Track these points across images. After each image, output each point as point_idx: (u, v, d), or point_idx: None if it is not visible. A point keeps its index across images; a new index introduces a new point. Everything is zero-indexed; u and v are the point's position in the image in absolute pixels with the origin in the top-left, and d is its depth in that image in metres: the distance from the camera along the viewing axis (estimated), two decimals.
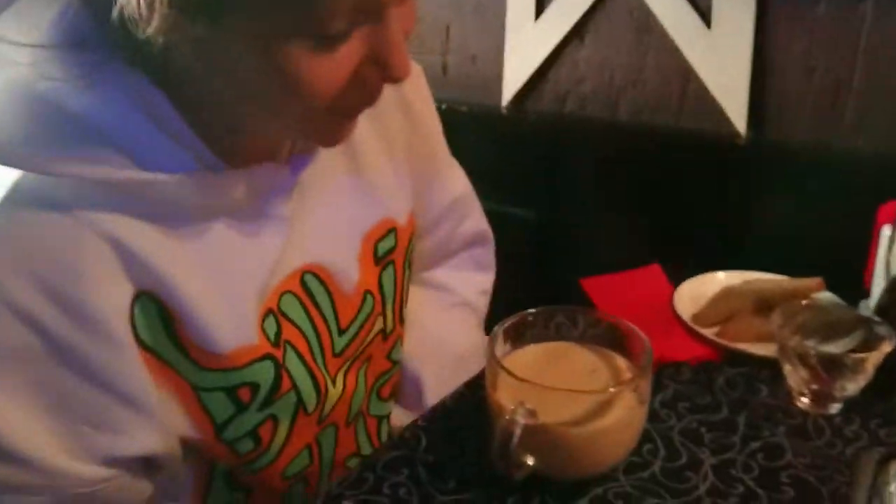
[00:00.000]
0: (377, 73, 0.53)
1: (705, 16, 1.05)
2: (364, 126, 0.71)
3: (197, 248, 0.56)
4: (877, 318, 0.74)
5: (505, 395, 0.62)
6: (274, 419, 0.63)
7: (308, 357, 0.66)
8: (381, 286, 0.73)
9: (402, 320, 0.78)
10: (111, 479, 0.56)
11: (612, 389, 0.62)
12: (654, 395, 0.72)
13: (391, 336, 0.77)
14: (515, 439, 0.57)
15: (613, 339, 0.70)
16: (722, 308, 0.89)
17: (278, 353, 0.62)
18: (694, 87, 1.08)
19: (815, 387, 0.72)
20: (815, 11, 0.99)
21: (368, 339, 0.73)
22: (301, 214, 0.64)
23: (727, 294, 0.91)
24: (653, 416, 0.71)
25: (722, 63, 1.04)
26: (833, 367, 0.71)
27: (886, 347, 0.70)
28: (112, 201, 0.52)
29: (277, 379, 0.62)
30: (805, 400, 0.74)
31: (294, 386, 0.64)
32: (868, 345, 0.72)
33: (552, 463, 0.61)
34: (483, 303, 0.92)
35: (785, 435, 0.70)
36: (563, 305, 0.71)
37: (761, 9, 1.00)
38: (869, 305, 0.80)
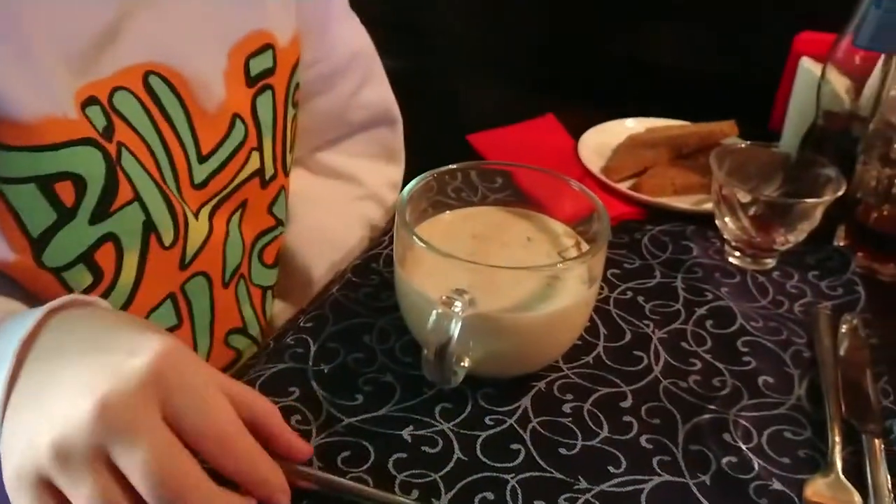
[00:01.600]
0: None
1: None
2: None
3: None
4: (822, 159, 0.66)
5: (428, 281, 0.47)
6: (116, 242, 0.49)
7: (156, 174, 0.51)
8: (254, 113, 0.58)
9: (285, 168, 0.64)
10: None
11: (561, 265, 0.49)
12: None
13: (272, 184, 0.62)
14: (454, 337, 0.43)
15: (542, 200, 0.56)
16: (633, 158, 0.78)
17: (109, 147, 0.47)
18: None
19: (756, 239, 0.64)
20: None
21: (241, 177, 0.59)
22: (150, 5, 0.49)
23: (637, 144, 0.80)
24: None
25: None
26: (776, 215, 0.63)
27: (837, 190, 0.62)
28: None
29: (111, 178, 0.47)
30: (739, 255, 0.66)
31: (138, 198, 0.49)
32: (803, 189, 0.65)
33: (493, 360, 0.48)
34: (392, 198, 0.77)
35: (728, 296, 0.62)
36: (468, 162, 0.56)
37: None
38: (809, 157, 0.72)
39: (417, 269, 0.48)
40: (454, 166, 0.55)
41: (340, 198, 0.75)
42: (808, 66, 0.76)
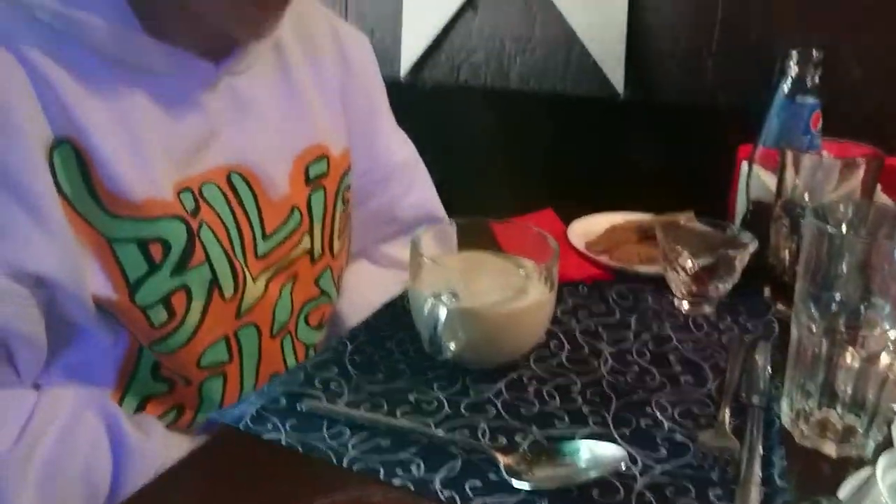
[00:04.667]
0: None
1: None
2: (299, 58, 0.78)
3: (117, 107, 0.61)
4: (740, 229, 0.85)
5: (428, 286, 0.67)
6: (188, 291, 0.66)
7: (227, 244, 0.69)
8: (309, 206, 0.78)
9: (332, 251, 0.82)
10: (15, 297, 0.57)
11: (523, 272, 0.69)
12: (556, 306, 0.80)
13: (319, 262, 0.81)
14: (442, 319, 0.62)
15: (520, 247, 0.77)
16: (609, 239, 0.98)
17: (192, 223, 0.65)
18: (577, 53, 1.19)
19: (694, 289, 0.83)
20: None
21: (294, 254, 0.77)
22: (232, 116, 0.69)
23: (613, 228, 1.01)
24: (556, 321, 0.79)
25: (601, 32, 1.16)
26: (709, 269, 0.82)
27: (751, 248, 0.81)
28: (44, 42, 0.58)
29: (190, 244, 0.65)
30: (685, 303, 0.84)
31: (208, 260, 0.66)
32: (737, 250, 0.84)
33: (473, 346, 0.67)
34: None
35: (670, 329, 0.80)
36: (474, 217, 0.77)
37: None
38: (729, 226, 0.91)
39: (422, 280, 0.68)
40: (461, 220, 0.76)
41: (391, 280, 0.91)
42: (744, 167, 0.97)
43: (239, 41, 0.69)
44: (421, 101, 1.31)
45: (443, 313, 0.62)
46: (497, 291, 0.67)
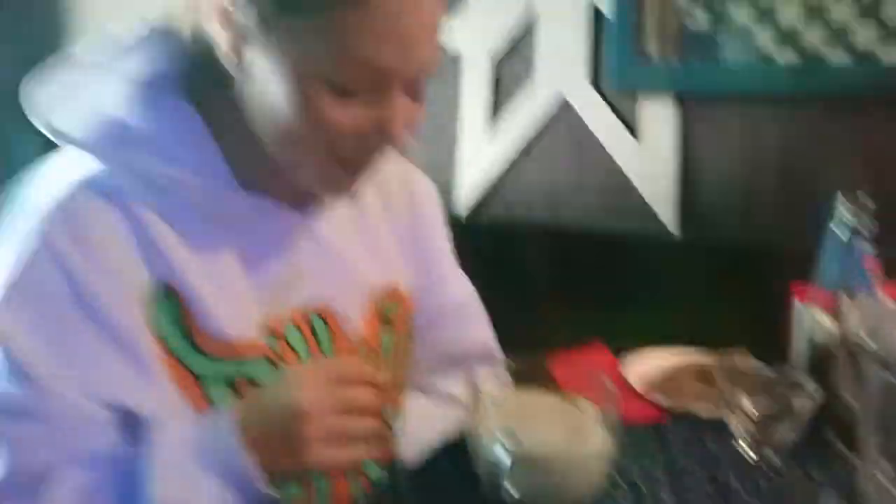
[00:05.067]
0: (375, 135, 0.66)
1: (633, 131, 1.21)
2: (376, 206, 0.85)
3: (211, 255, 0.67)
4: (803, 376, 0.84)
5: (489, 430, 0.67)
6: None
7: None
8: (381, 343, 0.81)
9: (397, 387, 0.84)
10: (103, 423, 0.62)
11: (586, 419, 0.69)
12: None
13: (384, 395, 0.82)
14: (505, 464, 0.62)
15: (577, 387, 0.77)
16: (665, 376, 0.98)
17: (277, 362, 0.70)
18: (627, 193, 1.23)
19: (757, 435, 0.81)
20: (727, 128, 1.17)
21: None
22: (313, 260, 0.74)
23: (668, 366, 1.00)
24: (615, 467, 0.78)
25: (651, 172, 1.20)
26: (774, 418, 0.80)
27: (816, 396, 0.80)
28: (150, 198, 0.65)
29: (274, 380, 0.68)
30: (749, 450, 0.82)
31: None
32: (803, 398, 0.82)
33: (535, 490, 0.66)
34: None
35: (735, 478, 0.78)
36: (530, 356, 0.78)
37: (682, 125, 1.18)
38: (790, 369, 0.90)
39: (483, 423, 0.69)
40: (519, 359, 0.77)
41: (445, 415, 0.89)
42: (800, 308, 0.97)
43: (324, 199, 0.75)
44: (477, 240, 1.35)
45: (505, 459, 0.62)
46: (559, 435, 0.67)
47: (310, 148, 0.66)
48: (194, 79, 0.69)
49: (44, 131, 0.66)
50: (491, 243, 1.34)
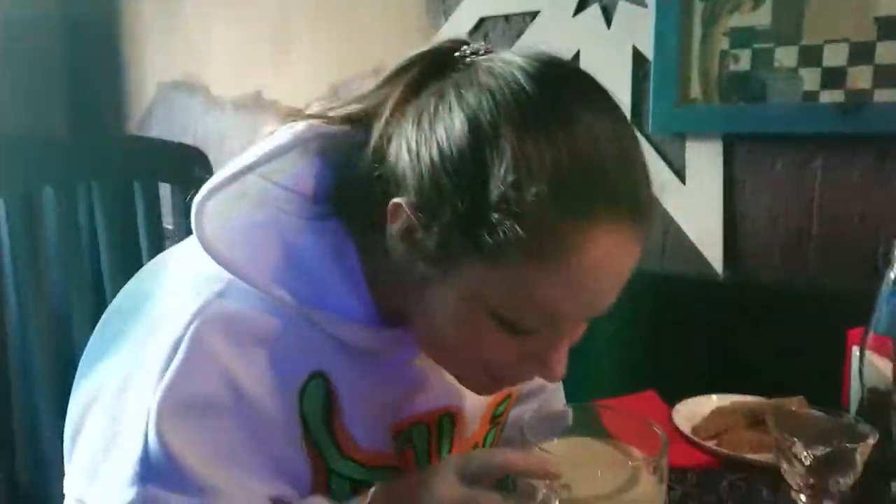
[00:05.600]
0: (535, 366, 0.65)
1: (679, 174, 1.21)
2: None
3: (358, 367, 0.68)
4: (857, 418, 0.82)
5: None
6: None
7: None
8: (485, 440, 0.84)
9: None
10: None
11: (632, 464, 0.69)
12: (667, 488, 0.78)
13: None
14: None
15: (627, 434, 0.77)
16: (717, 423, 0.96)
17: (400, 467, 0.72)
18: (674, 236, 1.23)
19: (811, 482, 0.79)
20: (774, 170, 1.16)
21: None
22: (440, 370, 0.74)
23: (720, 412, 0.99)
24: None
25: (697, 215, 1.20)
26: (827, 462, 0.79)
27: (871, 441, 0.78)
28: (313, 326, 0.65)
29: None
30: (803, 497, 0.80)
31: None
32: (854, 443, 0.80)
33: None
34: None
35: None
36: (581, 403, 0.78)
37: (728, 168, 1.17)
38: (846, 415, 0.88)
39: None
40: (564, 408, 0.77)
41: None
42: (856, 353, 0.95)
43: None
44: None
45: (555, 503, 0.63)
46: (608, 482, 0.67)
47: (462, 359, 0.67)
48: (353, 195, 0.65)
49: (209, 255, 0.63)
50: None
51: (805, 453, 0.79)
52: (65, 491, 0.67)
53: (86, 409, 0.67)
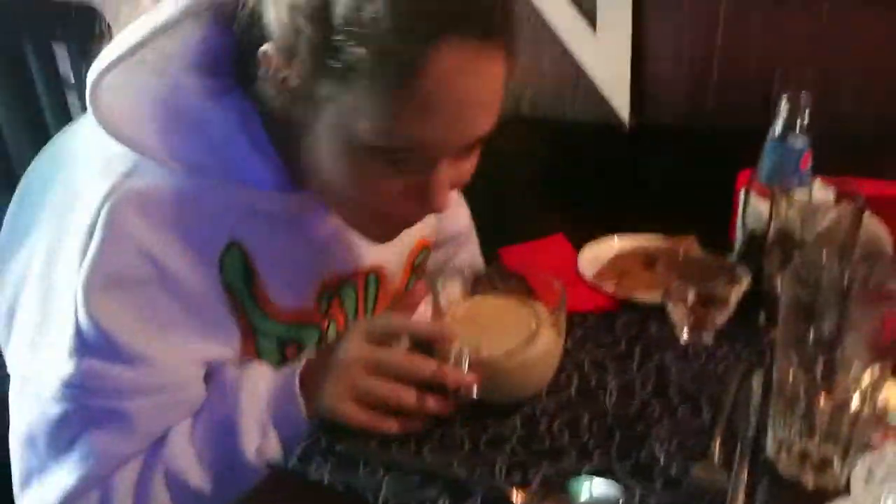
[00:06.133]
0: (419, 200, 0.68)
1: (591, 21, 1.22)
2: None
3: (277, 222, 0.72)
4: (737, 263, 0.92)
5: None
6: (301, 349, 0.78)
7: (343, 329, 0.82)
8: (405, 289, 0.90)
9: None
10: (199, 380, 0.71)
11: (532, 326, 0.77)
12: (566, 337, 0.87)
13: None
14: (463, 367, 0.71)
15: (531, 291, 0.85)
16: (617, 266, 1.05)
17: (324, 324, 0.79)
18: (584, 83, 1.25)
19: (692, 320, 0.90)
20: (680, 14, 1.18)
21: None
22: None
23: (620, 255, 1.08)
24: (566, 353, 0.86)
25: (607, 62, 1.22)
26: (705, 303, 0.89)
27: (744, 284, 0.88)
28: (230, 192, 0.69)
29: (318, 344, 0.78)
30: (685, 333, 0.91)
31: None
32: (732, 284, 0.90)
33: (491, 391, 0.75)
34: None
35: (671, 360, 0.87)
36: (488, 267, 0.85)
37: (637, 14, 1.19)
38: (727, 256, 0.99)
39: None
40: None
41: None
42: (743, 196, 1.03)
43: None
44: None
45: (464, 363, 0.71)
46: (511, 339, 0.75)
47: (355, 205, 0.70)
48: (250, 67, 0.66)
49: (111, 137, 0.65)
50: None
51: (687, 294, 0.89)
52: (9, 371, 0.71)
53: (17, 290, 0.71)
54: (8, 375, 0.72)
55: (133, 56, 0.64)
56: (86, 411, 0.66)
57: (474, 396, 0.73)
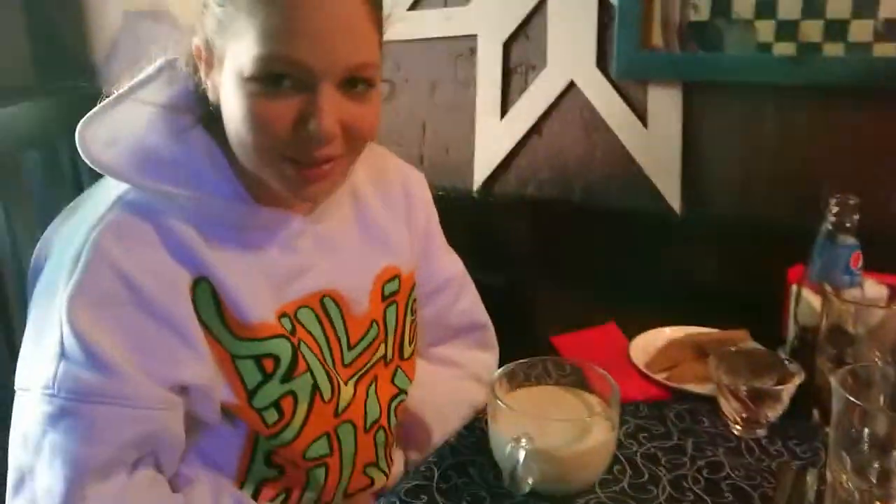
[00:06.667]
0: (308, 128, 0.73)
1: (643, 117, 1.27)
2: (376, 201, 0.96)
3: (236, 255, 0.80)
4: (789, 359, 0.93)
5: (506, 428, 0.78)
6: (294, 396, 0.82)
7: (320, 357, 0.85)
8: (385, 319, 0.93)
9: (401, 353, 0.97)
10: (171, 405, 0.76)
11: (588, 419, 0.80)
12: (619, 429, 0.89)
13: (391, 364, 0.96)
14: (521, 461, 0.73)
15: (585, 382, 0.88)
16: (668, 356, 1.07)
17: (294, 340, 0.82)
18: (635, 173, 1.30)
19: (744, 415, 0.91)
20: (729, 114, 1.22)
21: (373, 360, 0.92)
22: (319, 254, 0.86)
23: (672, 345, 1.10)
24: (619, 445, 0.88)
25: (657, 155, 1.26)
26: (758, 398, 0.90)
27: (797, 380, 0.89)
28: (178, 212, 0.77)
29: (294, 358, 0.81)
30: (738, 427, 0.92)
31: (310, 370, 0.83)
32: (784, 379, 0.92)
33: (547, 480, 0.77)
34: (487, 377, 1.03)
35: (723, 454, 0.88)
36: (543, 357, 0.88)
37: (687, 112, 1.24)
38: (779, 350, 1.00)
39: (500, 422, 0.80)
40: (528, 360, 0.87)
41: (448, 379, 1.04)
42: (794, 291, 1.05)
43: (299, 199, 0.84)
44: (491, 215, 1.44)
45: (521, 456, 0.73)
46: (567, 432, 0.77)
47: (262, 153, 0.75)
48: (202, 104, 0.79)
49: (92, 165, 0.76)
50: (503, 218, 1.44)
51: (740, 389, 0.91)
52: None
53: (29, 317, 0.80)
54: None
55: (117, 105, 0.79)
56: (57, 412, 0.72)
57: (528, 487, 0.75)
